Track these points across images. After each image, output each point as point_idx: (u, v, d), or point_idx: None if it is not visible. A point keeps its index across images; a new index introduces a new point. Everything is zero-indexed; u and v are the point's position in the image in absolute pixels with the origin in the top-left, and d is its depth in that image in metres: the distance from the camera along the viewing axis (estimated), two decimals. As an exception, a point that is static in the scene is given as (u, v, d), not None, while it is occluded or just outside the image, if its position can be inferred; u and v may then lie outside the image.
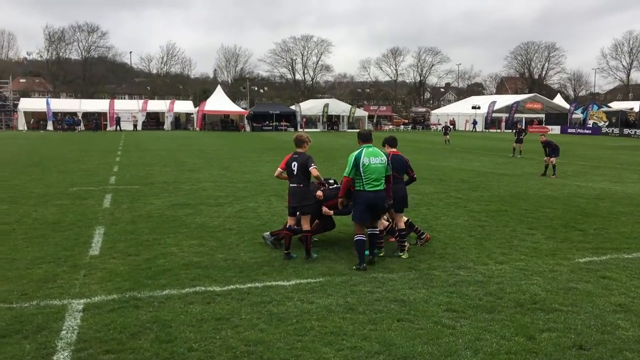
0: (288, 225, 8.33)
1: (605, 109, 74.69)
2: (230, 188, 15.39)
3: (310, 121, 69.86)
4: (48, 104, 61.16)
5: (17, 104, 62.94)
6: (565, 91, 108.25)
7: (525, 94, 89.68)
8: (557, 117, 75.31)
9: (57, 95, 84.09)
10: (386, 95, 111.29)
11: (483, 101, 78.75)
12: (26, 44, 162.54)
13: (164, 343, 5.08)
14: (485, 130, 73.69)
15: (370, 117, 75.29)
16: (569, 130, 67.59)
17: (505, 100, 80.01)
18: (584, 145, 41.22)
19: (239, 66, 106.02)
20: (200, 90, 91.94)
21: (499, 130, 71.88)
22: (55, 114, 61.39)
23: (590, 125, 69.52)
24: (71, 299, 6.26)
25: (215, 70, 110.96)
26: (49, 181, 16.48)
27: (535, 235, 9.78)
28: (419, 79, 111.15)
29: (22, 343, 5.05)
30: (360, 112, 74.67)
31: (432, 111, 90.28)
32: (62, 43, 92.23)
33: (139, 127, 63.48)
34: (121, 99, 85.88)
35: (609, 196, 14.64)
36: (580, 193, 15.18)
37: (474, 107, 73.49)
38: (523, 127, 30.51)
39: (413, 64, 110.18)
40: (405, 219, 8.83)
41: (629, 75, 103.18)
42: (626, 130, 61.60)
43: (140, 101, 69.94)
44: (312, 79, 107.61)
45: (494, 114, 75.18)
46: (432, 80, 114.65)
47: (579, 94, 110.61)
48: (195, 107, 69.64)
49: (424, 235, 8.98)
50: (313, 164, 8.06)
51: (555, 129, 68.32)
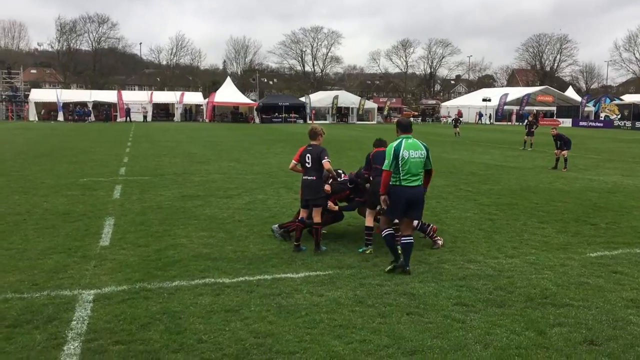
0: (300, 217, 8.31)
1: (617, 101, 74.01)
2: (240, 180, 15.40)
3: (319, 113, 69.75)
4: (57, 95, 61.40)
5: (28, 95, 63.28)
6: (577, 84, 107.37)
7: (537, 86, 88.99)
8: (569, 110, 74.75)
9: (68, 86, 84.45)
10: (396, 87, 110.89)
11: (494, 93, 78.28)
12: (37, 34, 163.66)
13: (173, 334, 5.09)
14: (495, 123, 73.27)
15: (380, 110, 75.02)
16: (581, 123, 67.08)
17: (516, 92, 79.46)
18: (596, 138, 40.87)
19: (248, 57, 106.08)
20: (209, 81, 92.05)
21: (509, 123, 71.43)
22: (66, 104, 61.67)
23: (602, 118, 68.98)
24: (81, 289, 6.29)
25: (224, 61, 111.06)
26: (60, 172, 16.57)
27: (546, 229, 9.71)
28: (429, 71, 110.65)
29: (33, 333, 5.08)
30: (369, 104, 74.44)
31: (442, 103, 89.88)
32: (73, 34, 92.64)
33: (149, 118, 63.66)
34: (131, 90, 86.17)
35: (621, 190, 14.51)
36: (592, 187, 15.05)
37: (484, 100, 73.06)
38: (534, 120, 30.22)
39: (423, 56, 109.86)
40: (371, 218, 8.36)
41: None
42: (638, 124, 61.02)
43: (149, 92, 70.07)
44: (322, 71, 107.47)
45: (505, 107, 74.70)
46: (443, 72, 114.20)
47: (591, 87, 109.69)
48: (204, 99, 69.70)
49: (430, 228, 8.62)
50: (326, 157, 7.99)
51: (567, 122, 67.84)
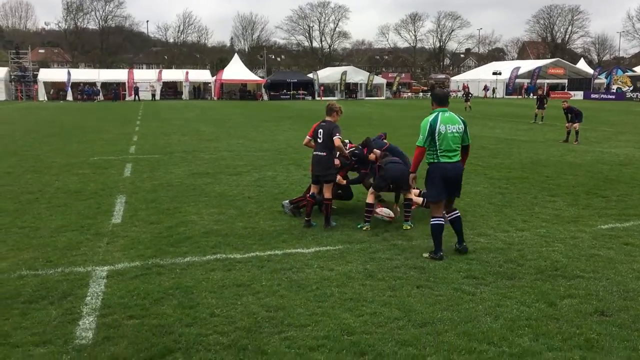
0: (311, 192, 8.32)
1: (630, 73, 72.87)
2: (249, 157, 15.42)
3: (328, 89, 69.34)
4: (69, 74, 61.39)
5: (37, 75, 63.33)
6: (589, 55, 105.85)
7: (548, 59, 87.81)
8: (580, 83, 73.72)
9: (76, 66, 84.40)
10: (405, 62, 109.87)
11: (504, 67, 77.33)
12: (44, 14, 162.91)
13: (186, 309, 5.16)
14: (506, 96, 72.56)
15: (389, 85, 74.46)
16: (592, 96, 66.22)
17: (527, 65, 78.49)
18: (608, 110, 40.40)
19: (255, 34, 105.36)
20: (217, 59, 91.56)
21: (519, 97, 70.69)
22: (76, 84, 61.68)
23: (614, 90, 68.01)
24: (95, 266, 6.37)
25: (232, 38, 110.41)
26: (70, 151, 16.66)
27: (557, 202, 9.68)
28: (438, 45, 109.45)
29: (49, 309, 5.16)
30: (378, 80, 73.88)
31: (452, 78, 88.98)
32: (80, 13, 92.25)
33: (157, 97, 63.61)
34: (139, 68, 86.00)
35: (633, 162, 14.39)
36: (603, 159, 14.93)
37: (495, 73, 72.23)
38: (544, 94, 29.83)
39: (432, 30, 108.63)
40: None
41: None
42: (651, 95, 60.21)
43: (158, 71, 69.88)
44: (330, 47, 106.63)
45: (516, 80, 73.87)
46: (452, 45, 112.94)
47: (603, 59, 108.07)
48: (212, 76, 69.44)
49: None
50: (338, 134, 7.84)
51: (578, 95, 67.03)
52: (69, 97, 60.38)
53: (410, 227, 8.06)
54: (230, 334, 4.66)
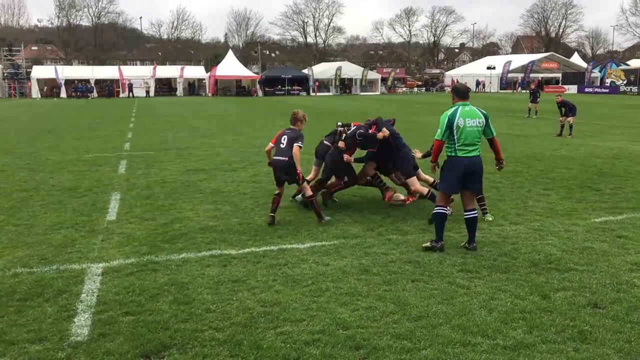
0: (277, 191, 8.22)
1: (623, 67, 73.14)
2: (244, 153, 15.41)
3: (322, 85, 69.31)
4: (57, 71, 61.02)
5: (30, 72, 63.02)
6: (583, 50, 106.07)
7: (542, 53, 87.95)
8: (574, 77, 73.92)
9: (69, 63, 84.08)
10: (399, 57, 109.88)
11: (498, 61, 77.44)
12: (37, 10, 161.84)
13: (182, 305, 5.17)
14: (500, 91, 72.69)
15: (384, 80, 74.46)
16: (586, 90, 66.41)
17: (520, 59, 78.59)
18: (601, 104, 40.53)
19: (249, 30, 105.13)
20: (211, 55, 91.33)
21: (513, 91, 70.77)
22: (70, 81, 61.42)
23: (608, 84, 68.20)
24: (90, 263, 6.37)
25: (226, 34, 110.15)
26: (64, 148, 16.61)
27: (551, 196, 9.72)
28: (432, 40, 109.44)
29: (44, 306, 5.16)
30: (373, 75, 73.88)
31: (447, 72, 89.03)
32: (72, 9, 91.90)
33: (152, 94, 63.42)
34: (132, 65, 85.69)
35: (626, 155, 14.45)
36: (596, 153, 15.00)
37: (489, 68, 72.33)
38: (537, 88, 29.81)
39: (427, 24, 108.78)
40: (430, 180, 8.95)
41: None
42: (645, 89, 60.40)
43: (152, 67, 69.65)
44: (324, 42, 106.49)
45: (509, 74, 74.00)
46: (447, 40, 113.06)
47: (597, 52, 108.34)
48: (207, 73, 69.28)
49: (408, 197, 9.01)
50: (299, 143, 7.93)
51: (572, 89, 67.18)
52: (63, 95, 60.13)
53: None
54: (225, 330, 4.67)
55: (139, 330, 4.66)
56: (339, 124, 9.09)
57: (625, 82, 65.86)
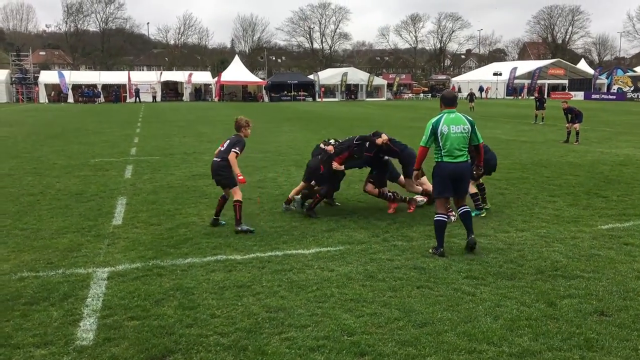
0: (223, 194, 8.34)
1: (630, 73, 72.90)
2: (250, 158, 15.42)
3: (328, 90, 69.39)
4: (62, 76, 61.32)
5: (38, 77, 63.41)
6: (590, 56, 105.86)
7: (548, 59, 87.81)
8: (581, 83, 73.77)
9: (77, 68, 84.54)
10: (406, 63, 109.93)
11: (505, 67, 77.36)
12: (45, 16, 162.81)
13: (187, 309, 5.17)
14: (506, 97, 72.60)
15: (389, 86, 74.50)
16: (593, 96, 66.23)
17: (527, 66, 78.49)
18: (608, 111, 40.39)
19: (256, 35, 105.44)
20: (218, 60, 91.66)
21: (515, 98, 70.62)
22: (77, 86, 61.76)
23: (615, 91, 68.02)
24: (96, 267, 6.38)
25: (232, 40, 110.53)
26: (71, 153, 16.69)
27: (557, 203, 9.68)
28: (439, 46, 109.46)
29: (50, 310, 5.18)
30: (379, 81, 73.92)
31: (453, 79, 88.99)
32: (80, 15, 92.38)
33: (158, 99, 63.67)
34: (139, 70, 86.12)
35: (633, 162, 14.39)
36: (603, 159, 14.94)
37: (495, 74, 72.28)
38: (541, 95, 29.77)
39: (433, 30, 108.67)
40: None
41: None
42: (652, 96, 60.18)
43: (158, 72, 69.95)
44: (330, 48, 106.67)
45: (515, 81, 73.91)
46: (453, 46, 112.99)
47: (604, 59, 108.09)
48: (213, 78, 69.53)
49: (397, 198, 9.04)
50: (236, 149, 8.00)
51: (579, 95, 67.03)
52: (70, 99, 60.45)
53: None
54: (230, 335, 4.67)
55: (144, 335, 4.66)
56: (328, 141, 9.22)
57: (632, 89, 65.67)
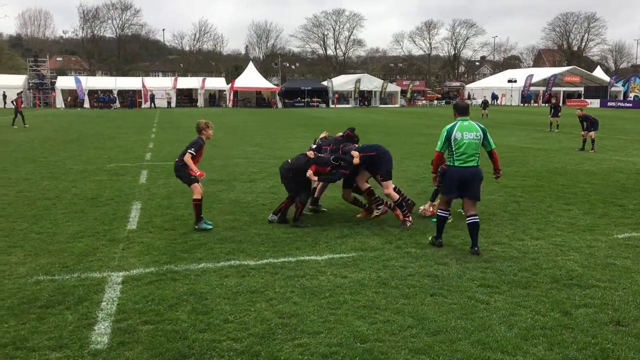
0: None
1: (647, 81, 72.17)
2: (263, 164, 15.49)
3: (342, 97, 69.47)
4: (78, 82, 62.02)
5: (55, 82, 64.18)
6: (606, 63, 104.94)
7: (564, 66, 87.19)
8: (597, 91, 73.14)
9: (93, 73, 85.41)
10: (419, 69, 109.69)
11: (519, 74, 76.95)
12: (62, 22, 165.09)
13: (200, 314, 5.19)
14: (521, 104, 72.20)
15: (403, 93, 74.42)
16: (609, 104, 65.64)
17: (542, 73, 78.01)
18: (625, 119, 40.00)
19: (270, 42, 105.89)
20: (232, 66, 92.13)
21: (534, 105, 70.19)
22: (93, 91, 62.42)
23: (632, 98, 67.36)
24: (110, 271, 6.43)
25: (246, 46, 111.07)
26: (87, 157, 16.85)
27: (573, 211, 9.60)
28: (453, 53, 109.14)
29: (65, 313, 5.22)
30: (392, 87, 73.86)
31: (467, 85, 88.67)
32: (97, 21, 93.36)
33: (173, 104, 64.13)
34: (155, 76, 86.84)
35: (650, 171, 14.22)
36: (619, 168, 14.79)
37: (510, 81, 71.92)
38: (557, 102, 29.55)
39: (447, 37, 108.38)
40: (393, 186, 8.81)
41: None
42: (669, 103, 59.50)
43: (172, 78, 70.47)
44: (344, 54, 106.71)
45: (531, 88, 73.50)
46: (467, 53, 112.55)
47: (620, 66, 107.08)
48: (227, 84, 69.91)
49: (406, 204, 8.88)
50: (191, 150, 8.34)
51: (595, 103, 66.46)
52: (86, 105, 61.09)
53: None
54: (243, 340, 4.68)
55: (158, 339, 4.69)
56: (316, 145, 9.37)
57: (649, 97, 64.97)
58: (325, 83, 72.11)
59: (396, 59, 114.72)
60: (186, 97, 68.80)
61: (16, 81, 62.35)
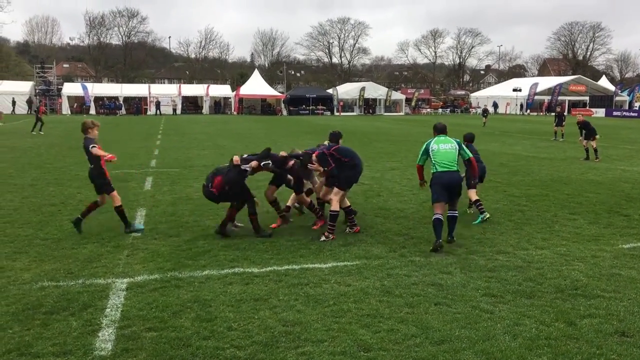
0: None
1: (653, 90, 72.02)
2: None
3: (347, 105, 69.55)
4: (85, 88, 62.33)
5: (61, 89, 64.50)
6: (611, 73, 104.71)
7: (569, 75, 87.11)
8: (602, 100, 72.99)
9: (99, 80, 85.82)
10: (424, 78, 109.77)
11: (524, 83, 76.88)
12: (69, 29, 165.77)
13: (204, 322, 5.19)
14: (526, 113, 72.15)
15: (408, 101, 74.47)
16: (614, 113, 65.51)
17: (547, 82, 77.95)
18: (630, 128, 39.90)
19: (275, 50, 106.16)
20: (237, 74, 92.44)
21: (539, 114, 70.12)
22: (99, 98, 62.74)
23: (637, 108, 67.21)
24: (115, 278, 6.45)
25: (252, 54, 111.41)
26: (93, 164, 16.87)
27: (578, 221, 9.57)
28: (458, 61, 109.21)
29: (69, 320, 5.24)
30: (397, 95, 73.93)
31: (472, 94, 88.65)
32: (103, 28, 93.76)
33: (178, 111, 64.34)
34: (160, 83, 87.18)
35: (656, 181, 14.17)
36: (625, 177, 14.75)
37: (515, 90, 71.87)
38: (562, 111, 29.54)
39: (452, 46, 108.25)
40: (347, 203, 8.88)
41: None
42: (675, 113, 59.33)
43: (177, 85, 70.74)
44: (349, 62, 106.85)
45: (536, 97, 73.43)
46: (472, 62, 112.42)
47: (626, 76, 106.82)
48: (232, 92, 70.11)
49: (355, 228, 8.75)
50: (92, 145, 8.57)
51: (600, 112, 66.34)
52: (92, 111, 61.32)
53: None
54: (247, 348, 4.68)
55: (162, 346, 4.69)
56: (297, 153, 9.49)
57: (654, 106, 64.82)
58: (330, 91, 72.23)
59: (401, 67, 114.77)
60: (191, 104, 68.97)
61: (23, 87, 62.69)
